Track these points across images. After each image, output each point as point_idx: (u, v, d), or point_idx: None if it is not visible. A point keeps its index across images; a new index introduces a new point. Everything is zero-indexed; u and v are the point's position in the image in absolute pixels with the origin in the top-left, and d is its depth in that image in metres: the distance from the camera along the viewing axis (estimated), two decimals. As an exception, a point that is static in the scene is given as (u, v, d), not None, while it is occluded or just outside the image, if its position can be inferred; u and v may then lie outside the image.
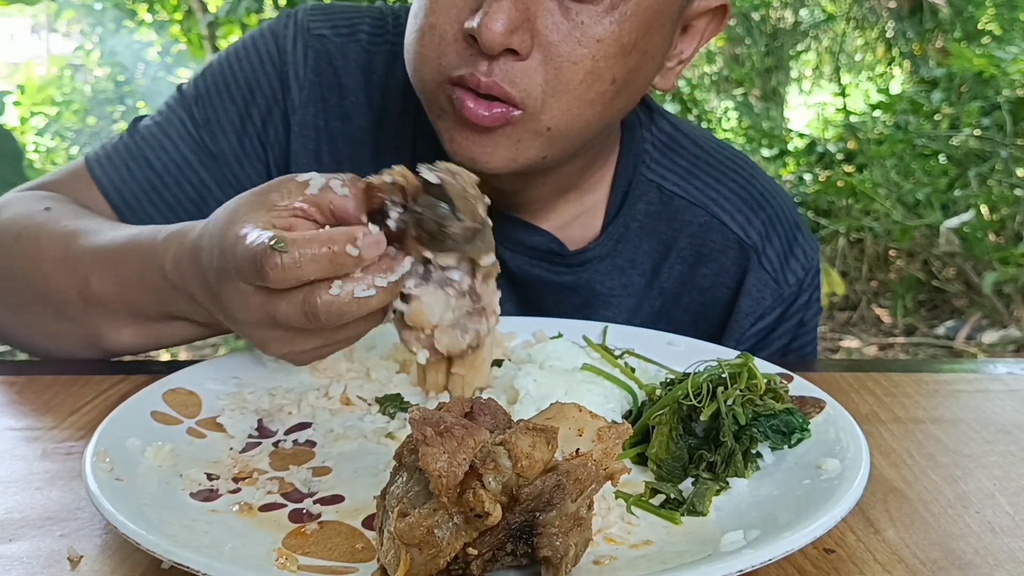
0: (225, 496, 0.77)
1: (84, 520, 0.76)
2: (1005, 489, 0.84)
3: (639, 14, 1.05)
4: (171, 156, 1.29)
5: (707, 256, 1.31)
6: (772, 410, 0.84)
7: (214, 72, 1.33)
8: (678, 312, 1.32)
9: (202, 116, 1.30)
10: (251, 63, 1.32)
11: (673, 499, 0.77)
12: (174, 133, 1.30)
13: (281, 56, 1.31)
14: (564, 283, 1.30)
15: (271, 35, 1.33)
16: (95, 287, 1.08)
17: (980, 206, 5.35)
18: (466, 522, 0.60)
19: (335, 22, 1.33)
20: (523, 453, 0.61)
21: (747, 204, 1.32)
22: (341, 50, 1.32)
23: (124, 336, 1.11)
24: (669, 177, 1.32)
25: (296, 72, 1.30)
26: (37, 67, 7.77)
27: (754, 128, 6.94)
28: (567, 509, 0.62)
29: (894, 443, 0.95)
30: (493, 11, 1.00)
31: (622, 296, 1.31)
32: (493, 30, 1.00)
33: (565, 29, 1.04)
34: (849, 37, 7.47)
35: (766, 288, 1.30)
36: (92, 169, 1.29)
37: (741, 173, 1.34)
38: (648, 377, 1.00)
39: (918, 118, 6.07)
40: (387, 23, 1.34)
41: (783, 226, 1.33)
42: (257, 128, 1.30)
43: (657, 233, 1.31)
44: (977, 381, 1.15)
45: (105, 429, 0.82)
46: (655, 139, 1.33)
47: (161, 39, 6.57)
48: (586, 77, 1.06)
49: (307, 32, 1.32)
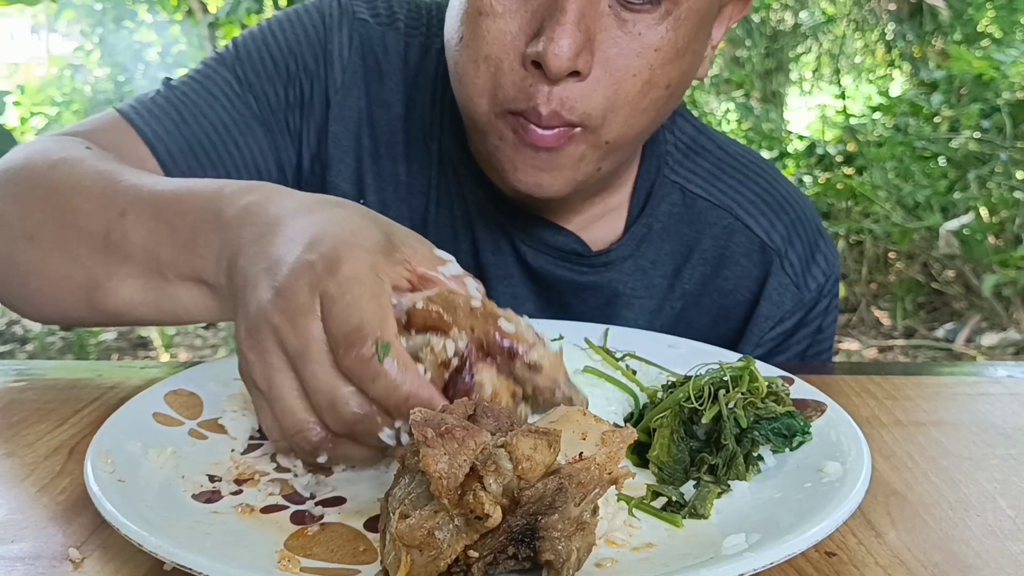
0: (227, 498, 0.77)
1: (86, 521, 0.76)
2: (1006, 492, 0.85)
3: (691, 17, 1.04)
4: (219, 115, 1.25)
5: (729, 259, 1.31)
6: (773, 413, 0.84)
7: (256, 39, 1.30)
8: (698, 314, 1.32)
9: (246, 79, 1.27)
10: (296, 35, 1.30)
11: (675, 502, 0.77)
12: (220, 93, 1.26)
13: (327, 34, 1.30)
14: (586, 283, 1.30)
15: (317, 12, 1.31)
16: (128, 223, 0.95)
17: (980, 208, 5.35)
18: (467, 524, 0.60)
19: (376, 9, 1.33)
20: (524, 455, 0.61)
21: (770, 208, 1.32)
22: (382, 37, 1.31)
23: (126, 290, 0.96)
24: (692, 179, 1.32)
25: (341, 52, 1.29)
26: (37, 67, 7.77)
27: (754, 130, 6.94)
28: (570, 513, 0.62)
29: (895, 446, 0.95)
30: (559, 35, 0.98)
31: (644, 297, 1.31)
32: (560, 56, 0.98)
33: (623, 42, 1.02)
34: (849, 39, 7.47)
35: (787, 292, 1.30)
36: (133, 120, 1.21)
37: (764, 177, 1.35)
38: (649, 380, 1.00)
39: (918, 120, 6.07)
40: (422, 14, 1.34)
41: (806, 231, 1.33)
42: (299, 98, 1.29)
43: (679, 235, 1.31)
44: (978, 384, 1.15)
45: (107, 430, 0.82)
46: (678, 140, 1.33)
47: (161, 40, 6.57)
48: (643, 87, 1.05)
49: (352, 15, 1.31)
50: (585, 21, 1.00)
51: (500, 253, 1.30)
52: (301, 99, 1.28)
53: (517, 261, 1.30)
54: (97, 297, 0.98)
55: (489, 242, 1.30)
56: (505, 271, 1.30)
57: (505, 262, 1.30)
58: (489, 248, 1.30)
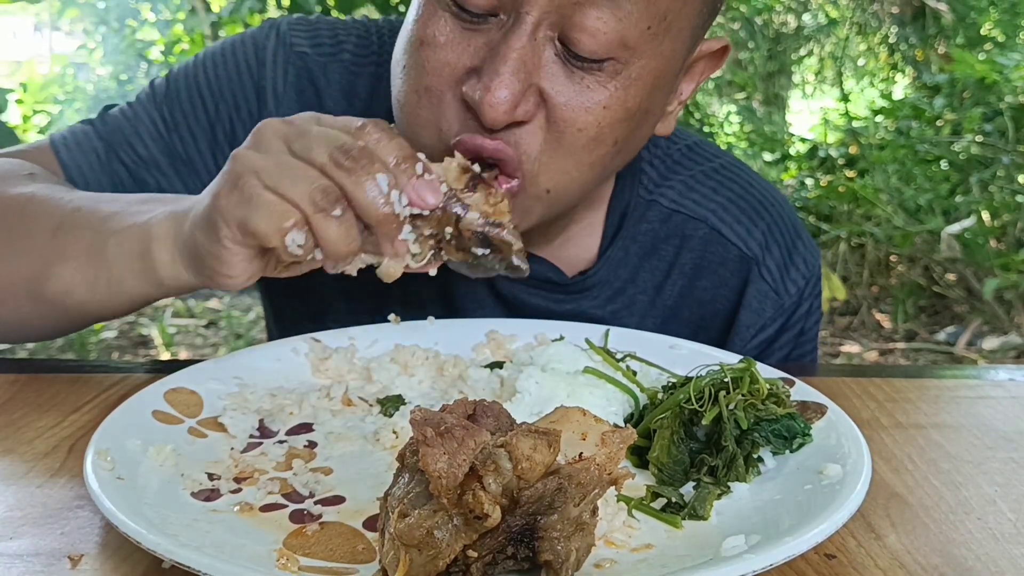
0: (226, 496, 0.77)
1: (85, 519, 0.76)
2: (1007, 496, 0.84)
3: (644, 77, 1.00)
4: (140, 154, 1.24)
5: (706, 268, 1.30)
6: (774, 415, 0.84)
7: (188, 74, 1.28)
8: (678, 326, 1.30)
9: (172, 119, 1.26)
10: (227, 70, 1.27)
11: (674, 503, 0.77)
12: (145, 132, 1.25)
13: (260, 69, 1.27)
14: (563, 311, 1.28)
15: (252, 45, 1.28)
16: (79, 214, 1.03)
17: (981, 212, 5.35)
18: (466, 524, 0.60)
19: (319, 39, 1.29)
20: (524, 455, 0.61)
21: (746, 213, 1.31)
22: (323, 70, 1.27)
23: (67, 271, 1.02)
24: (667, 194, 1.30)
25: (275, 87, 1.26)
26: (39, 65, 7.77)
27: (756, 132, 6.95)
28: (569, 513, 0.62)
29: (895, 448, 0.95)
30: (495, 85, 0.94)
31: (625, 317, 1.29)
32: (496, 107, 0.94)
33: (571, 94, 0.98)
34: (852, 42, 7.48)
35: (767, 300, 1.29)
36: (58, 151, 1.23)
37: (738, 180, 1.33)
38: (650, 380, 1.00)
39: (920, 123, 6.08)
40: (372, 41, 1.30)
41: (783, 234, 1.31)
42: (228, 136, 1.26)
43: (658, 252, 1.30)
44: (979, 387, 1.15)
45: (106, 428, 0.82)
46: (652, 157, 1.31)
47: (164, 38, 6.57)
48: (588, 143, 1.01)
49: (289, 48, 1.27)
50: (526, 69, 0.95)
51: (472, 283, 1.27)
52: (232, 138, 1.25)
53: (490, 291, 1.28)
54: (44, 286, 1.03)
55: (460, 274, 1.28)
56: (478, 302, 1.28)
57: (477, 292, 1.28)
58: (460, 280, 1.26)
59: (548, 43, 0.97)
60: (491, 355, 1.10)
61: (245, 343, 5.01)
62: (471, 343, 1.12)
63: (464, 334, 1.13)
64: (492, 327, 1.14)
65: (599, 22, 0.94)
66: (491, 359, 1.08)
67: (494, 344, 1.11)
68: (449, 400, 0.95)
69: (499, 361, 1.05)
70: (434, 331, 1.13)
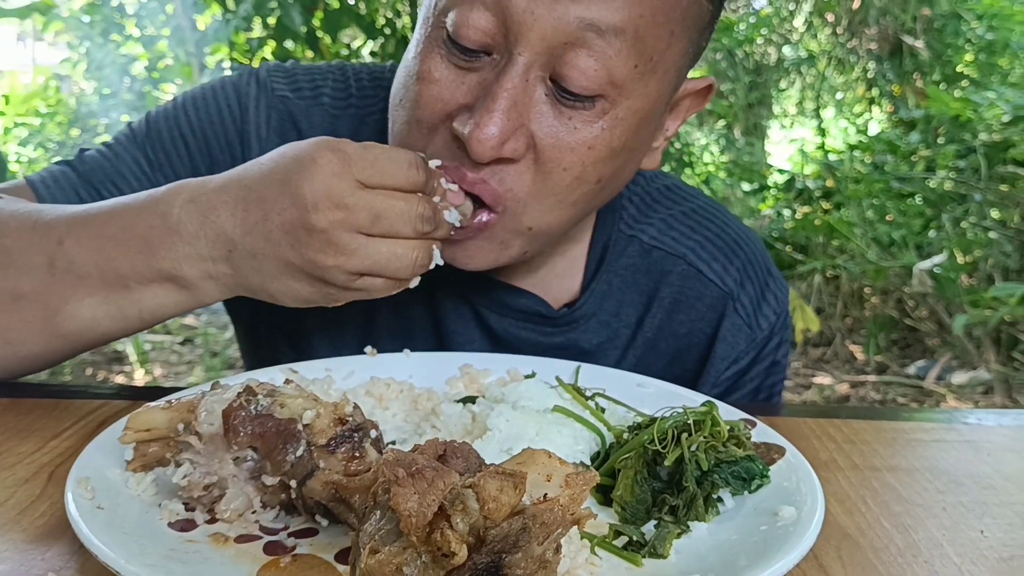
0: (202, 527, 0.79)
1: (65, 545, 0.78)
2: (953, 540, 0.88)
3: (629, 117, 1.04)
4: (124, 193, 1.22)
5: (684, 303, 1.35)
6: (734, 456, 0.88)
7: (168, 116, 1.29)
8: (655, 358, 1.35)
9: (156, 159, 1.27)
10: (209, 113, 1.29)
11: (635, 541, 0.80)
12: (127, 171, 1.26)
13: (243, 113, 1.29)
14: (552, 344, 1.32)
15: (233, 90, 1.30)
16: (69, 249, 1.02)
17: (953, 248, 5.44)
18: (434, 561, 0.63)
19: (298, 84, 1.32)
20: (491, 496, 0.64)
21: (722, 252, 1.36)
22: (305, 113, 1.30)
23: (86, 308, 1.03)
24: (647, 230, 1.35)
25: (258, 131, 1.29)
26: (22, 76, 7.74)
27: (735, 162, 7.03)
28: (533, 552, 0.65)
29: (850, 490, 0.98)
30: (485, 122, 0.98)
31: (609, 349, 1.34)
32: (484, 143, 0.98)
33: (559, 133, 1.02)
34: (831, 76, 7.59)
35: (740, 333, 1.34)
36: (36, 188, 1.23)
37: (715, 220, 1.39)
38: (617, 418, 1.03)
39: (895, 158, 6.17)
40: (349, 84, 1.33)
41: (756, 272, 1.37)
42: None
43: (639, 286, 1.34)
44: (935, 431, 1.18)
45: (87, 456, 0.84)
46: (632, 195, 1.37)
47: (148, 54, 6.57)
48: (573, 182, 1.05)
49: (271, 93, 1.30)
50: (517, 109, 0.99)
51: (461, 319, 1.31)
52: None
53: (479, 325, 1.32)
54: (61, 322, 1.04)
55: (450, 308, 1.31)
56: (467, 336, 1.32)
57: (467, 327, 1.32)
58: (450, 315, 1.31)
59: (539, 83, 1.01)
60: (464, 389, 1.12)
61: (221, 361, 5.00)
62: (445, 376, 1.14)
63: (439, 367, 1.16)
64: (466, 361, 1.17)
65: (590, 59, 0.98)
66: (464, 393, 1.10)
67: (467, 378, 1.14)
68: (421, 436, 0.98)
69: (472, 396, 1.08)
70: (409, 364, 1.16)
